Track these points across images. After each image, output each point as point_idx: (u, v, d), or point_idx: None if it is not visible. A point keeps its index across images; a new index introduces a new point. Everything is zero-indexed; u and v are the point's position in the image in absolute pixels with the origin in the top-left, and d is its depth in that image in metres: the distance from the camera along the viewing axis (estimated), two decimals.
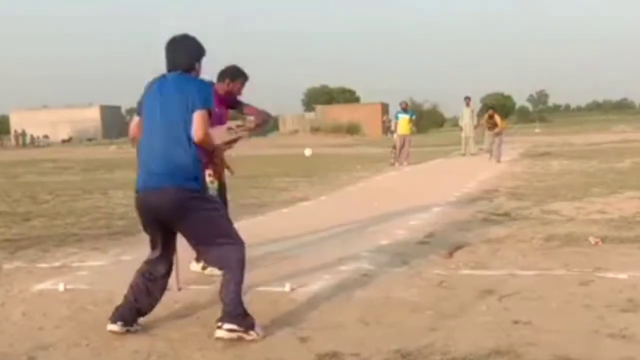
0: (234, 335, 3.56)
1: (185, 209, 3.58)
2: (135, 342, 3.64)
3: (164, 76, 3.83)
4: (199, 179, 3.67)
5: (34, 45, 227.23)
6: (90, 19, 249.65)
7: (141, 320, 3.99)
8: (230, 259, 3.65)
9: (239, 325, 3.57)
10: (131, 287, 3.82)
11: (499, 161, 16.61)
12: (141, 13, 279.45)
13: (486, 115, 18.52)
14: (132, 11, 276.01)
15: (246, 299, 3.84)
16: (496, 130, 17.46)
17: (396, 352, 3.33)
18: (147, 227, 3.80)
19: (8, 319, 4.20)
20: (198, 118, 3.58)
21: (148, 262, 3.85)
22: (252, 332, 3.59)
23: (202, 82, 3.86)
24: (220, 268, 3.82)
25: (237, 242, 3.69)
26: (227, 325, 3.56)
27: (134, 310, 3.78)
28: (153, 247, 3.84)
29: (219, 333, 3.57)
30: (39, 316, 4.18)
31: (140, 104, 3.87)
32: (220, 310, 3.63)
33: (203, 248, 3.84)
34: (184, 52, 3.83)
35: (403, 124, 18.08)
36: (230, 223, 3.81)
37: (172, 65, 3.81)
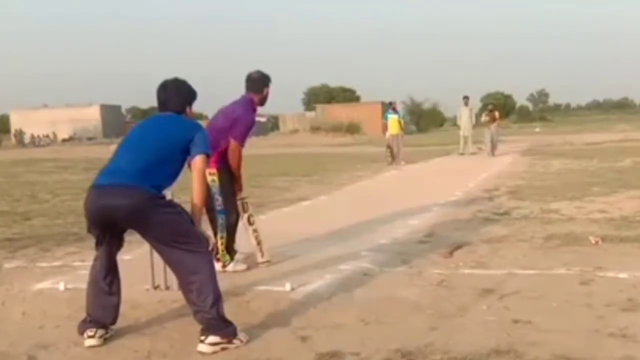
0: (217, 348, 3.44)
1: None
2: (135, 342, 3.64)
3: (155, 115, 3.90)
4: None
5: (34, 44, 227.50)
6: (91, 17, 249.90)
7: (142, 319, 4.00)
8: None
9: (222, 336, 3.47)
10: None
11: (492, 154, 18.36)
12: (142, 12, 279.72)
13: (487, 111, 20.34)
14: (133, 9, 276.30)
15: (246, 298, 3.83)
16: (493, 123, 19.28)
17: (396, 352, 3.33)
18: None
19: (8, 318, 4.20)
20: (201, 162, 3.59)
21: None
22: (235, 341, 3.50)
23: (201, 125, 3.85)
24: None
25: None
26: (210, 339, 3.45)
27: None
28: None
29: (202, 347, 3.44)
30: (40, 315, 4.19)
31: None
32: (199, 322, 3.50)
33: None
34: (175, 94, 3.84)
35: (393, 124, 18.29)
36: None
37: (163, 107, 3.84)
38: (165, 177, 3.63)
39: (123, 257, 5.66)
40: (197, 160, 3.60)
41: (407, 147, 18.89)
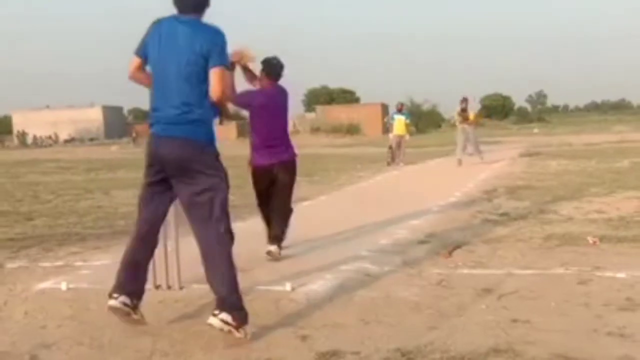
0: (225, 327, 3.47)
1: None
2: (137, 341, 3.66)
3: (173, 20, 3.60)
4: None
5: (36, 44, 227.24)
6: (92, 17, 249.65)
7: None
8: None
9: (233, 318, 3.48)
10: None
11: (481, 159, 16.24)
12: (142, 11, 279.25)
13: (459, 109, 17.65)
14: (134, 9, 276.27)
15: (247, 298, 3.85)
16: (468, 122, 16.93)
17: (396, 351, 3.36)
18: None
19: (10, 317, 4.23)
20: (218, 78, 3.44)
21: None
22: (241, 330, 3.52)
23: (217, 32, 3.56)
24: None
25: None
26: (223, 315, 3.47)
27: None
28: None
29: (212, 320, 3.48)
30: (42, 315, 4.21)
31: (143, 43, 3.62)
32: (218, 298, 3.54)
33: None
34: None
35: (398, 124, 18.36)
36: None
37: (180, 3, 3.59)
38: (205, 96, 3.50)
39: None
40: (215, 73, 3.43)
41: (406, 148, 18.89)
